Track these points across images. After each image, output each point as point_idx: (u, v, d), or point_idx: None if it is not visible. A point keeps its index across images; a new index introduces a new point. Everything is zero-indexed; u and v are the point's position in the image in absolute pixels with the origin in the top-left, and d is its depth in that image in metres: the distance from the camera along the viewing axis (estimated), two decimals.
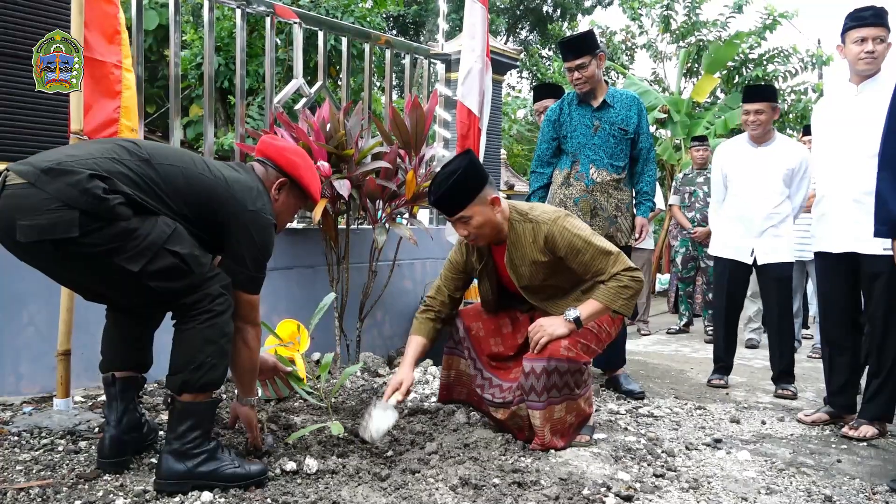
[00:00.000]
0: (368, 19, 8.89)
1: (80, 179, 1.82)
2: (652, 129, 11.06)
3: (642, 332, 6.43)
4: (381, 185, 3.42)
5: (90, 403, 2.72)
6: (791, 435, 3.16)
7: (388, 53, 4.33)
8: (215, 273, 2.07)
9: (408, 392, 2.62)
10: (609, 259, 2.52)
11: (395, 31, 17.27)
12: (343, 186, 3.21)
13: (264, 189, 2.23)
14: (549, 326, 2.53)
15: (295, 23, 3.82)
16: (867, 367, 3.26)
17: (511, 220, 2.61)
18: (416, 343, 2.78)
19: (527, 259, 2.60)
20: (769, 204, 3.92)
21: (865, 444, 3.05)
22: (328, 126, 3.41)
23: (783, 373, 3.97)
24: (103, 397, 2.65)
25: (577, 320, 2.52)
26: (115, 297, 2.13)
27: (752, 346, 5.75)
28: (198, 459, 2.03)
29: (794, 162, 3.90)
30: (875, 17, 3.11)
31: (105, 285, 2.02)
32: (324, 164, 3.25)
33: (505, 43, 18.79)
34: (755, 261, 3.98)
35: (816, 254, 3.36)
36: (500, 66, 4.68)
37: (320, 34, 3.94)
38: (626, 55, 13.19)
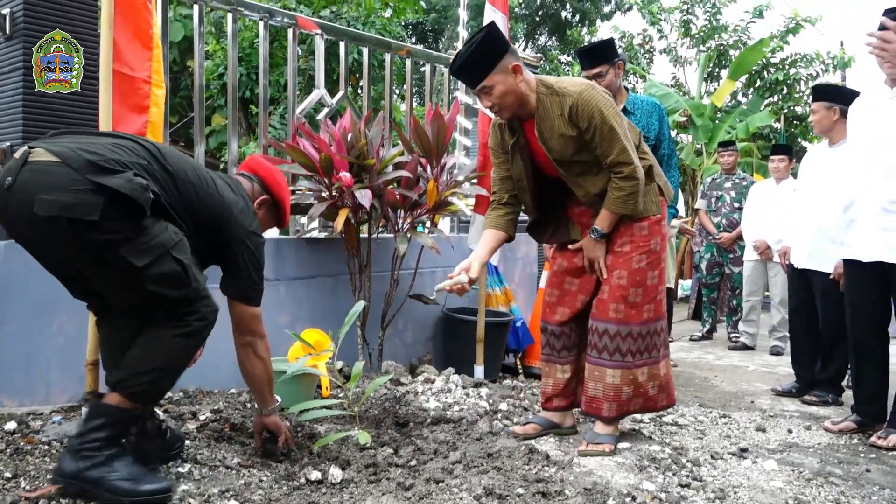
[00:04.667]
0: (388, 28, 8.94)
1: (126, 175, 1.89)
2: (673, 133, 11.01)
3: None
4: (402, 195, 3.44)
5: None
6: (818, 444, 3.12)
7: (408, 63, 4.36)
8: (208, 295, 2.11)
9: (462, 288, 2.64)
10: (614, 146, 2.57)
11: (413, 39, 17.35)
12: (364, 197, 3.23)
13: (253, 207, 2.33)
14: (591, 252, 2.75)
15: (316, 34, 3.86)
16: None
17: (538, 93, 2.62)
18: (486, 236, 2.84)
19: (555, 132, 2.61)
20: (830, 207, 3.78)
21: (895, 453, 3.01)
22: (349, 136, 3.44)
23: (817, 381, 3.93)
24: None
25: (601, 235, 2.71)
26: (107, 292, 2.11)
27: (776, 353, 5.70)
28: (89, 462, 1.96)
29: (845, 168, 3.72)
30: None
31: (102, 277, 2.02)
32: (345, 175, 3.28)
33: (524, 49, 18.78)
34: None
35: (846, 261, 3.31)
36: None
37: (342, 45, 3.97)
38: (646, 58, 13.14)
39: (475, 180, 3.76)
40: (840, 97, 3.90)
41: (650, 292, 2.75)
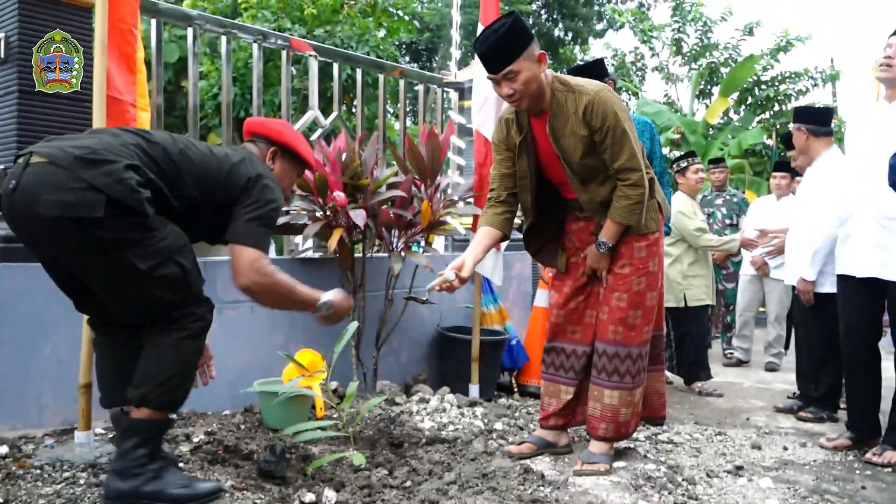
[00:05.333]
0: (382, 48, 9.00)
1: (116, 169, 1.89)
2: (666, 150, 11.07)
3: None
4: (396, 215, 3.45)
5: (111, 435, 2.73)
6: (814, 461, 3.12)
7: (401, 83, 4.39)
8: (205, 297, 2.15)
9: (451, 286, 2.60)
10: (624, 150, 2.57)
11: (407, 58, 17.46)
12: (359, 216, 3.23)
13: (259, 157, 2.33)
14: (596, 263, 2.75)
15: (310, 55, 3.88)
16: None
17: (553, 89, 2.60)
18: (481, 233, 2.79)
19: (567, 130, 2.59)
20: (806, 226, 3.86)
21: (890, 469, 3.01)
22: (344, 156, 3.45)
23: (815, 398, 3.94)
24: None
25: (608, 248, 2.70)
26: (106, 294, 2.11)
27: (771, 369, 5.71)
28: (142, 479, 2.02)
29: (825, 183, 3.80)
30: None
31: (103, 278, 2.03)
32: (339, 195, 3.29)
33: None
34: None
35: (839, 276, 3.32)
36: None
37: (335, 66, 4.00)
38: (638, 76, 13.26)
39: (471, 199, 3.77)
40: (805, 117, 3.95)
41: (649, 313, 2.77)
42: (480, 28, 3.77)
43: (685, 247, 4.69)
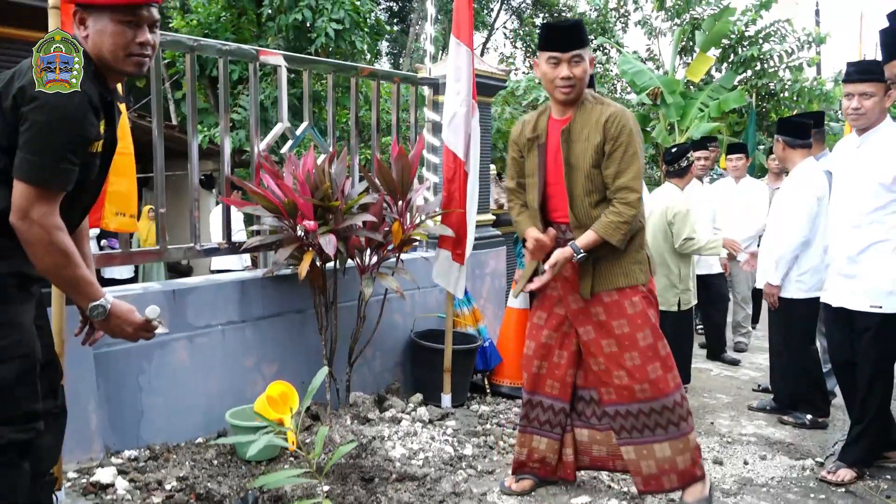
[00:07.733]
0: (359, 11, 8.71)
1: None
2: (643, 107, 10.95)
3: None
4: (367, 238, 3.43)
5: (84, 482, 2.74)
6: (772, 479, 3.24)
7: (374, 85, 4.27)
8: (19, 417, 1.81)
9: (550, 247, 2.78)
10: (631, 169, 2.64)
11: (387, 16, 16.93)
12: (329, 244, 3.19)
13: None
14: (561, 258, 2.69)
15: (279, 65, 3.76)
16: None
17: (584, 98, 2.76)
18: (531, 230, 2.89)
19: (584, 135, 2.70)
20: (778, 233, 4.00)
21: (843, 490, 3.14)
22: (313, 177, 3.40)
23: (795, 401, 4.09)
24: (98, 474, 2.69)
25: (582, 256, 2.68)
26: None
27: (740, 349, 5.84)
28: None
29: (796, 192, 3.92)
30: (860, 74, 3.09)
31: None
32: (308, 223, 3.25)
33: (496, 15, 18.48)
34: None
35: (820, 302, 3.48)
36: (487, 88, 4.63)
37: (305, 74, 3.89)
38: (621, 22, 12.99)
39: (439, 217, 3.76)
40: (785, 129, 4.01)
41: (668, 360, 2.76)
42: (453, 40, 3.69)
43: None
